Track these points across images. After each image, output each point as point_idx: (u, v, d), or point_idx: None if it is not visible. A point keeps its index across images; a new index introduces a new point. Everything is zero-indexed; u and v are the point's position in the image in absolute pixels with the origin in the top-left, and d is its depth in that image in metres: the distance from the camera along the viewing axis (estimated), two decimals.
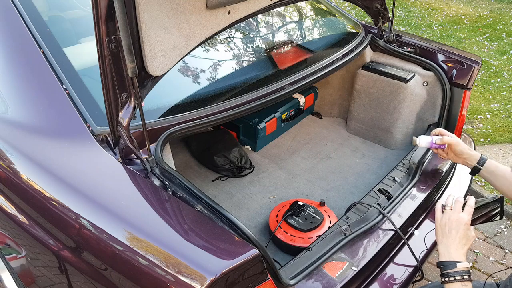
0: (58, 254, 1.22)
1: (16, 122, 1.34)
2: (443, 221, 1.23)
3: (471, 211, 1.22)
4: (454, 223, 1.20)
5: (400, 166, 1.82)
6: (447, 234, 1.20)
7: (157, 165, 1.27)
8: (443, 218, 1.23)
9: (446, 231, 1.21)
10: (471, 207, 1.22)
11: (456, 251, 1.17)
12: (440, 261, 1.18)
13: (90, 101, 1.35)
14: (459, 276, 1.13)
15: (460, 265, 1.14)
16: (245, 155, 2.17)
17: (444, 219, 1.23)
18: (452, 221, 1.20)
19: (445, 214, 1.24)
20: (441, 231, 1.22)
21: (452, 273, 1.14)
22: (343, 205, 1.90)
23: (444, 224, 1.22)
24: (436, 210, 1.28)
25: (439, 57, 2.11)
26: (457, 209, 1.22)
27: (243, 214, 1.87)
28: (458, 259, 1.16)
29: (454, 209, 1.23)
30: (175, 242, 1.03)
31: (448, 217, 1.22)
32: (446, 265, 1.16)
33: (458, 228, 1.19)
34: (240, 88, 1.66)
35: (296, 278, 1.25)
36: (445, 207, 1.25)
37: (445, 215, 1.23)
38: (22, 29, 1.41)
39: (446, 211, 1.24)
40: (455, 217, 1.21)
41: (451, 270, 1.14)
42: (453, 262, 1.15)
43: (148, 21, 1.14)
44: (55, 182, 1.21)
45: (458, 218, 1.20)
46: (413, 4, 7.04)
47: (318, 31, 2.35)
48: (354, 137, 2.45)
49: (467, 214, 1.21)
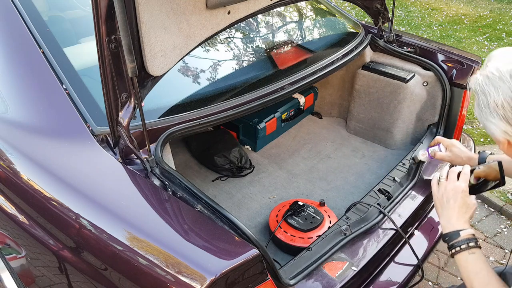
0: (58, 254, 1.22)
1: (16, 122, 1.34)
2: (440, 193, 1.19)
3: (467, 178, 1.17)
4: (451, 193, 1.16)
5: (400, 166, 1.82)
6: (446, 205, 1.16)
7: (157, 165, 1.27)
8: (439, 190, 1.20)
9: (444, 203, 1.17)
10: (466, 174, 1.18)
11: (458, 220, 1.13)
12: (443, 234, 1.14)
13: (90, 101, 1.35)
14: (464, 244, 1.08)
15: (464, 232, 1.10)
16: (245, 155, 2.17)
17: (440, 191, 1.19)
18: (449, 191, 1.17)
19: (441, 186, 1.20)
20: (440, 203, 1.19)
21: (457, 243, 1.09)
22: (343, 205, 1.90)
23: (441, 196, 1.18)
24: (432, 185, 1.24)
25: (439, 57, 2.11)
26: (452, 178, 1.18)
27: (243, 214, 1.87)
28: (460, 228, 1.11)
29: (449, 179, 1.19)
30: (175, 242, 1.03)
31: (444, 188, 1.18)
32: (449, 236, 1.12)
33: (455, 197, 1.15)
34: (240, 88, 1.66)
35: (296, 278, 1.25)
36: (440, 179, 1.22)
37: (441, 187, 1.19)
38: (22, 29, 1.41)
39: (441, 182, 1.20)
40: (451, 187, 1.17)
41: (456, 240, 1.10)
42: (456, 231, 1.11)
43: (148, 21, 1.14)
44: (55, 182, 1.21)
45: (454, 187, 1.16)
46: (413, 4, 7.04)
47: (318, 31, 2.35)
48: (354, 137, 2.45)
49: (463, 182, 1.16)
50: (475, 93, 1.00)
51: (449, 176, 1.20)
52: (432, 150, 1.61)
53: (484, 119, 0.99)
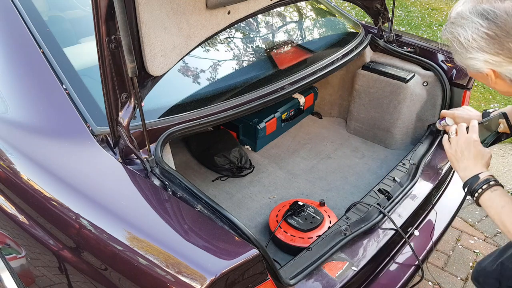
0: (58, 254, 1.22)
1: (16, 122, 1.34)
2: (453, 149, 1.21)
3: (476, 129, 1.19)
4: (464, 145, 1.17)
5: (400, 166, 1.82)
6: (461, 157, 1.18)
7: (157, 165, 1.27)
8: (452, 146, 1.22)
9: (459, 156, 1.18)
10: (475, 126, 1.20)
11: (475, 167, 1.14)
12: (463, 184, 1.15)
13: (90, 101, 1.35)
14: (485, 184, 1.09)
15: (482, 175, 1.11)
16: (245, 155, 2.17)
17: (453, 147, 1.21)
18: (461, 143, 1.18)
19: (452, 142, 1.22)
20: (454, 158, 1.20)
21: (478, 185, 1.10)
22: (343, 205, 1.90)
23: (455, 151, 1.20)
24: (444, 144, 1.26)
25: (439, 57, 2.11)
26: (462, 131, 1.20)
27: (243, 214, 1.87)
28: (478, 172, 1.12)
29: (459, 133, 1.21)
30: (175, 242, 1.03)
31: (456, 142, 1.20)
32: (469, 182, 1.13)
33: (469, 147, 1.16)
34: (240, 88, 1.66)
35: (296, 278, 1.25)
36: (450, 136, 1.24)
37: (453, 142, 1.21)
38: (22, 29, 1.41)
39: (452, 138, 1.22)
40: (462, 139, 1.18)
41: (477, 184, 1.10)
42: (475, 176, 1.12)
43: (148, 21, 1.14)
44: (55, 182, 1.21)
45: (466, 139, 1.18)
46: (413, 4, 7.04)
47: (318, 31, 2.35)
48: (354, 137, 2.45)
49: (473, 133, 1.18)
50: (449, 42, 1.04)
51: (458, 130, 1.22)
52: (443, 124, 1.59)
53: (465, 60, 1.03)
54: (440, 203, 1.87)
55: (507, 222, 1.02)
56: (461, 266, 2.28)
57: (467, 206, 2.70)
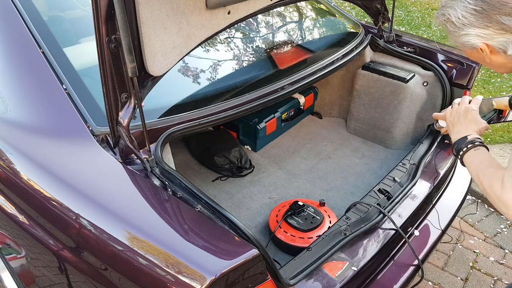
0: (58, 254, 1.22)
1: (16, 122, 1.34)
2: (452, 115, 1.28)
3: (478, 102, 1.27)
4: (462, 112, 1.25)
5: (400, 166, 1.82)
6: (456, 122, 1.25)
7: (157, 165, 1.27)
8: (451, 113, 1.28)
9: (455, 121, 1.25)
10: (478, 98, 1.28)
11: (467, 130, 1.20)
12: (452, 145, 1.21)
13: (90, 101, 1.35)
14: (470, 144, 1.14)
15: (470, 136, 1.17)
16: (245, 155, 2.17)
17: (452, 114, 1.28)
18: (460, 111, 1.26)
19: (453, 109, 1.29)
20: (451, 123, 1.27)
21: (464, 145, 1.15)
22: (343, 205, 1.90)
23: (453, 117, 1.27)
24: (446, 112, 1.33)
25: (439, 57, 2.11)
26: (464, 101, 1.27)
27: (243, 214, 1.87)
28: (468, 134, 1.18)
29: (461, 103, 1.28)
30: (175, 242, 1.03)
31: (456, 110, 1.28)
32: (457, 143, 1.18)
33: (466, 114, 1.23)
34: (240, 88, 1.66)
35: (296, 278, 1.25)
36: (453, 105, 1.30)
37: (453, 110, 1.28)
38: (22, 29, 1.41)
39: (454, 107, 1.29)
40: (462, 108, 1.26)
41: (463, 143, 1.16)
42: (463, 137, 1.18)
43: (148, 21, 1.14)
44: (55, 182, 1.21)
45: (465, 107, 1.25)
46: (413, 4, 7.04)
47: (318, 31, 2.35)
48: (354, 137, 2.45)
49: (475, 104, 1.25)
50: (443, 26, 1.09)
51: (461, 101, 1.29)
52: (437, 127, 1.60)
53: (459, 38, 1.08)
54: (440, 203, 1.87)
55: (481, 175, 1.06)
56: (461, 266, 2.28)
57: (467, 206, 2.70)
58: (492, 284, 2.18)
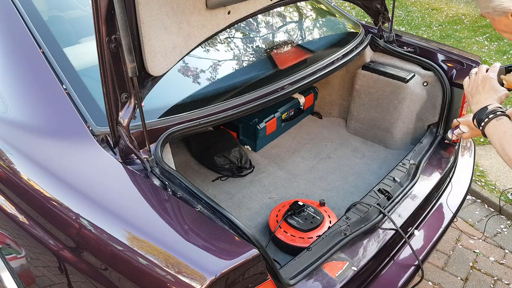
0: (58, 254, 1.22)
1: (16, 122, 1.34)
2: (470, 86, 1.25)
3: (496, 69, 1.23)
4: (480, 81, 1.21)
5: (400, 166, 1.82)
6: (475, 92, 1.21)
7: (157, 165, 1.27)
8: (469, 84, 1.25)
9: (474, 91, 1.22)
10: (496, 66, 1.24)
11: (486, 100, 1.17)
12: (473, 116, 1.18)
13: (90, 101, 1.35)
14: (491, 114, 1.11)
15: (491, 106, 1.14)
16: (245, 155, 2.17)
17: (470, 84, 1.25)
18: (478, 80, 1.22)
19: (471, 80, 1.26)
20: (470, 94, 1.24)
21: (485, 115, 1.13)
22: (343, 205, 1.90)
23: (471, 87, 1.24)
24: (464, 84, 1.29)
25: (439, 57, 2.11)
26: (481, 70, 1.24)
27: (243, 214, 1.87)
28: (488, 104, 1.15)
29: (478, 72, 1.24)
30: (175, 242, 1.03)
31: (474, 80, 1.24)
32: (478, 114, 1.15)
33: (484, 83, 1.20)
34: (240, 88, 1.66)
35: (296, 278, 1.25)
36: (470, 76, 1.27)
37: (471, 81, 1.25)
38: (22, 29, 1.41)
39: (471, 77, 1.26)
40: (480, 77, 1.22)
41: (484, 114, 1.13)
42: (483, 107, 1.15)
43: (148, 21, 1.14)
44: (55, 182, 1.21)
45: (483, 76, 1.21)
46: (413, 4, 7.04)
47: (318, 31, 2.35)
48: (354, 137, 2.45)
49: (492, 72, 1.22)
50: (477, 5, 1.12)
51: (478, 70, 1.26)
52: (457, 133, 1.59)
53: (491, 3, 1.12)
54: (440, 203, 1.87)
55: (506, 146, 1.04)
56: (461, 266, 2.28)
57: (467, 206, 2.70)
58: (492, 284, 2.18)
